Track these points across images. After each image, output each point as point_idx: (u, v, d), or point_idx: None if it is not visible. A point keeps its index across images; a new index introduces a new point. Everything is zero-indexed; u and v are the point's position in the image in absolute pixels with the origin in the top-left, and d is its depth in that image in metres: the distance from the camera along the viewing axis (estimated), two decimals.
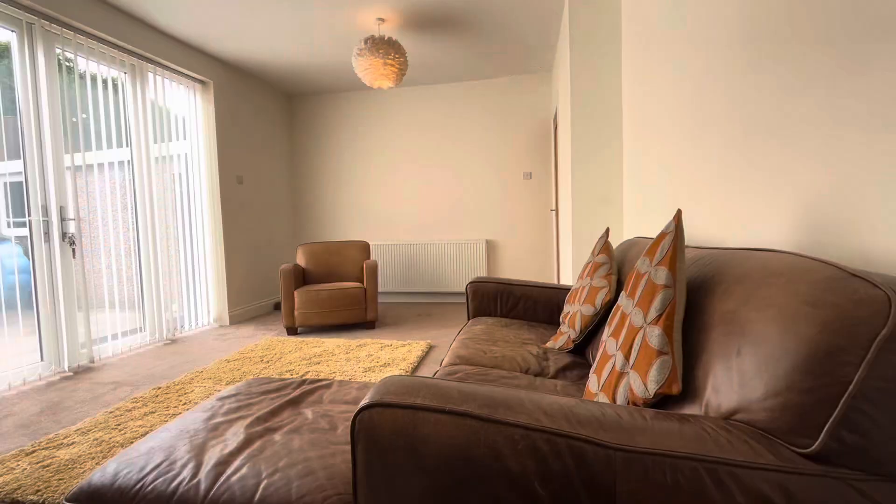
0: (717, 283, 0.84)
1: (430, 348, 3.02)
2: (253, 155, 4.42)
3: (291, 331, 3.51)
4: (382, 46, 3.01)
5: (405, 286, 4.84)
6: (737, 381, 0.67)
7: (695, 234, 1.49)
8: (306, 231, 5.17)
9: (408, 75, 4.43)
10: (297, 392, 1.28)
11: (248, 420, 1.10)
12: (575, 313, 1.61)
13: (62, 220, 2.70)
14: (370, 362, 2.66)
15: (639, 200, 2.28)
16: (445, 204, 4.82)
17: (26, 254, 2.74)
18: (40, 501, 1.37)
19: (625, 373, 0.92)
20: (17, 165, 2.63)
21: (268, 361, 2.74)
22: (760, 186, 1.08)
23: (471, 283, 2.21)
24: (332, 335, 3.45)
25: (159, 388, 2.32)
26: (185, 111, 3.79)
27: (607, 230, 1.77)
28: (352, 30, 3.39)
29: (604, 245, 1.68)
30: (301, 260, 3.88)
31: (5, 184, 2.92)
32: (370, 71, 3.08)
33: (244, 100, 4.30)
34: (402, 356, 2.75)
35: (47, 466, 1.55)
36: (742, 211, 1.18)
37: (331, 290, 3.47)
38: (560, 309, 2.14)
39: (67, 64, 2.81)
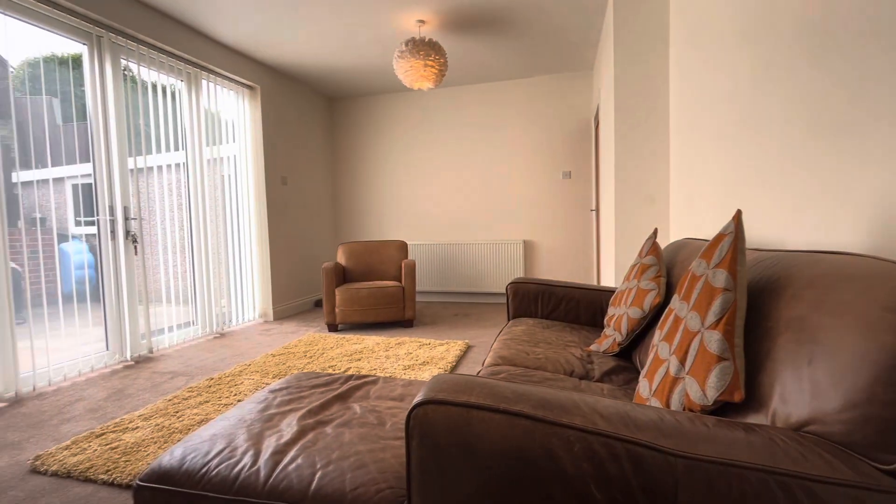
0: (783, 287, 0.80)
1: (468, 348, 3.03)
2: (296, 156, 4.58)
3: (332, 327, 3.61)
4: (423, 48, 3.04)
5: (442, 286, 4.87)
6: (809, 390, 0.64)
7: (751, 235, 1.42)
8: (346, 230, 5.30)
9: (447, 76, 4.45)
10: (345, 387, 1.31)
11: (300, 412, 1.14)
12: (621, 316, 1.57)
13: (126, 219, 2.90)
14: (409, 360, 2.69)
15: (687, 200, 2.20)
16: (482, 204, 4.81)
17: (92, 251, 2.95)
18: (110, 480, 1.48)
19: (680, 378, 0.89)
20: (86, 168, 2.84)
21: (311, 357, 2.83)
22: (829, 186, 1.02)
23: (511, 283, 2.20)
24: (371, 332, 3.52)
25: (211, 378, 2.45)
26: (235, 115, 3.97)
27: (655, 231, 1.71)
28: (392, 32, 3.44)
29: (652, 246, 1.64)
30: (341, 259, 3.98)
31: (74, 185, 3.15)
32: (411, 72, 3.12)
33: (288, 103, 4.46)
34: (441, 355, 2.77)
35: (115, 448, 1.67)
36: (806, 211, 1.11)
37: (370, 289, 3.55)
38: (603, 311, 2.09)
39: (130, 73, 3.01)
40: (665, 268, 1.56)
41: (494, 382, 0.78)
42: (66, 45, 2.68)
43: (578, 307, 2.11)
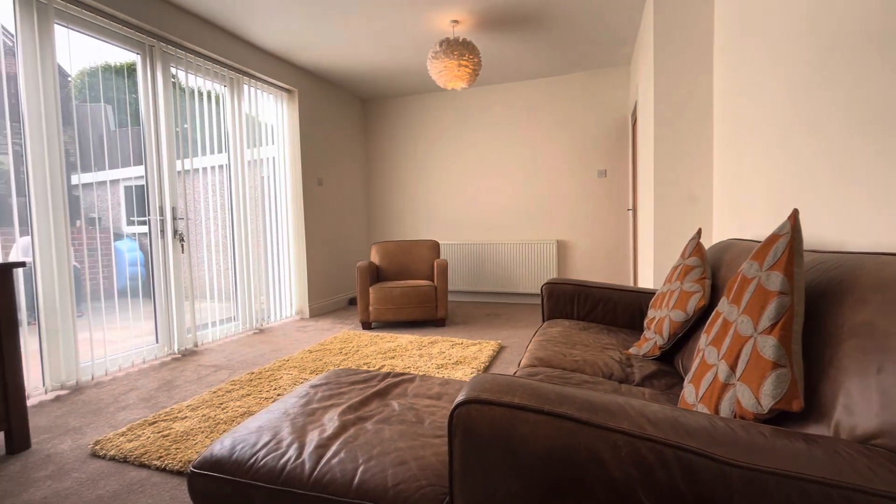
0: (847, 291, 0.76)
1: (501, 349, 3.01)
2: (331, 157, 4.68)
3: (366, 325, 3.67)
4: (457, 48, 3.04)
5: (473, 285, 4.87)
6: (878, 401, 0.60)
7: (806, 236, 1.35)
8: (379, 230, 5.38)
9: (480, 75, 4.44)
10: (383, 384, 1.33)
11: (341, 408, 1.17)
12: (662, 319, 1.52)
13: (174, 218, 3.05)
14: (442, 359, 2.71)
15: (733, 200, 2.11)
16: (515, 203, 4.78)
17: (142, 248, 3.12)
18: (162, 466, 1.56)
19: (730, 384, 0.86)
20: (138, 171, 3.00)
21: (346, 354, 2.89)
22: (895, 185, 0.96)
23: (546, 283, 2.17)
24: (404, 331, 3.56)
25: (252, 373, 2.54)
26: (273, 118, 4.11)
27: (699, 231, 1.65)
28: (426, 33, 3.46)
29: (696, 247, 1.58)
30: (375, 258, 4.04)
31: (127, 187, 3.34)
32: (445, 73, 3.13)
33: (324, 106, 4.56)
34: (473, 355, 2.77)
35: (166, 436, 1.76)
36: (869, 211, 1.05)
37: (403, 288, 3.58)
38: (641, 313, 2.04)
39: (176, 80, 3.16)
40: (710, 269, 1.50)
41: (537, 384, 0.77)
42: (121, 55, 2.85)
43: (616, 309, 2.07)
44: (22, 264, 1.74)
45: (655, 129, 2.59)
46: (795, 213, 0.87)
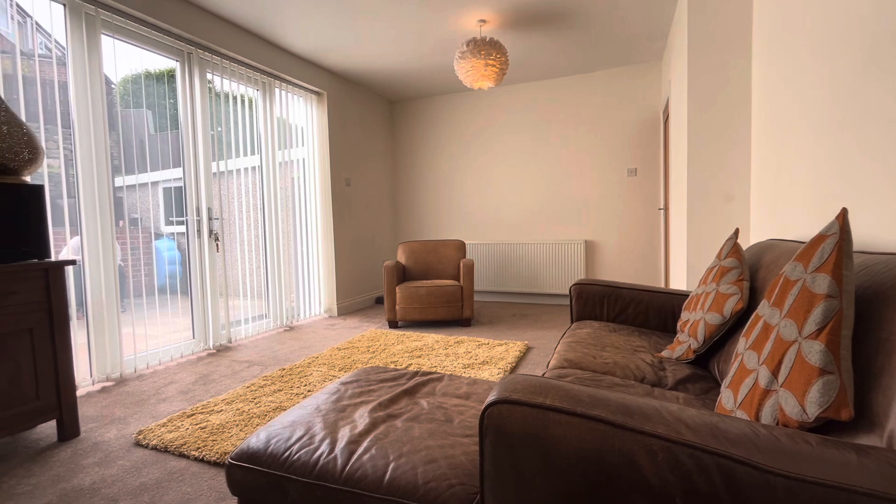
0: None
1: (528, 349, 2.99)
2: (359, 158, 4.75)
3: (393, 324, 3.71)
4: (484, 48, 3.04)
5: (499, 286, 4.85)
6: None
7: (855, 237, 1.28)
8: (405, 229, 5.42)
9: (507, 74, 4.41)
10: (412, 383, 1.35)
11: (371, 405, 1.19)
12: (697, 321, 1.48)
13: (210, 219, 3.16)
14: (468, 359, 2.71)
15: (772, 199, 2.02)
16: (542, 203, 4.73)
17: (179, 248, 3.24)
18: (200, 457, 1.62)
19: (772, 390, 0.82)
20: (176, 173, 3.13)
21: (374, 352, 2.93)
22: None
23: (575, 284, 2.14)
24: (430, 330, 3.58)
25: (283, 369, 2.61)
26: (304, 120, 4.20)
27: (736, 231, 1.60)
28: (454, 33, 3.47)
29: (733, 247, 1.53)
30: (401, 257, 4.08)
31: (166, 188, 3.48)
32: (472, 73, 3.13)
33: (352, 107, 4.64)
34: (500, 355, 2.76)
35: (204, 428, 1.83)
36: None
37: (429, 287, 3.60)
38: (674, 316, 1.98)
39: (211, 85, 3.28)
40: (748, 271, 1.45)
41: (569, 385, 0.77)
42: (160, 62, 2.97)
43: (647, 311, 2.02)
44: (73, 262, 1.84)
45: (689, 126, 2.52)
46: (844, 213, 0.83)
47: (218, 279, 3.21)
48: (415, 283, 3.73)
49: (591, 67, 4.31)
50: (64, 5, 2.37)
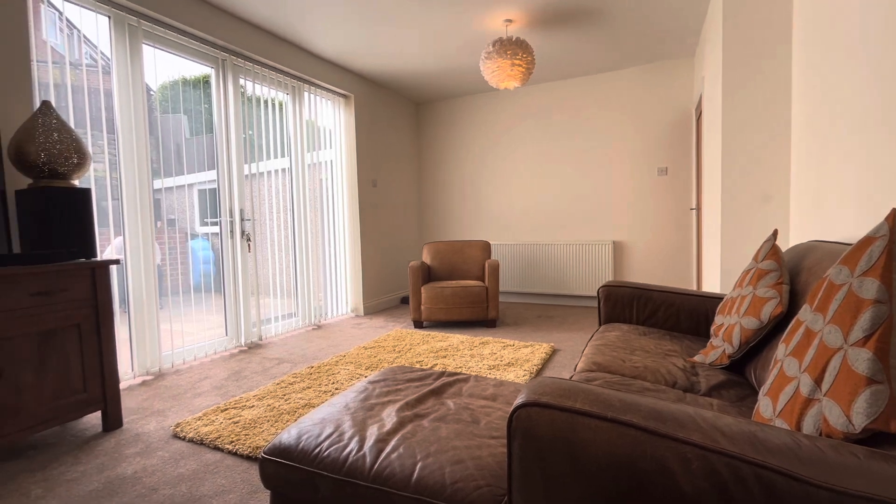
0: None
1: (554, 351, 2.96)
2: (385, 159, 4.81)
3: (418, 324, 3.74)
4: (510, 47, 3.02)
5: (525, 286, 4.81)
6: None
7: None
8: (431, 230, 5.45)
9: (534, 73, 4.38)
10: (438, 383, 1.36)
11: (398, 404, 1.20)
12: (732, 326, 1.43)
13: (242, 220, 3.26)
14: (493, 360, 2.70)
15: (814, 199, 1.93)
16: (569, 203, 4.66)
17: (213, 248, 3.36)
18: (234, 450, 1.68)
19: (815, 399, 0.79)
20: (210, 175, 3.24)
21: (399, 351, 2.96)
22: None
23: (603, 286, 2.11)
24: (455, 331, 3.59)
25: (312, 367, 2.66)
26: (331, 123, 4.28)
27: (775, 232, 1.53)
28: (479, 34, 3.47)
29: (771, 249, 1.47)
30: (426, 258, 4.10)
31: (201, 190, 3.61)
32: (497, 73, 3.12)
33: (379, 109, 4.69)
34: (525, 357, 2.74)
35: (237, 422, 1.89)
36: None
37: (454, 288, 3.61)
38: (707, 319, 1.92)
39: (244, 90, 3.38)
40: (787, 274, 1.39)
41: (599, 389, 0.76)
42: (196, 69, 3.08)
43: (678, 314, 1.96)
44: (116, 262, 1.94)
45: (723, 123, 2.44)
46: (894, 213, 0.79)
47: (249, 278, 3.31)
48: (440, 283, 3.74)
49: (620, 65, 4.22)
50: (109, 17, 2.49)
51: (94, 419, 2.01)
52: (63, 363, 1.76)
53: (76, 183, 1.96)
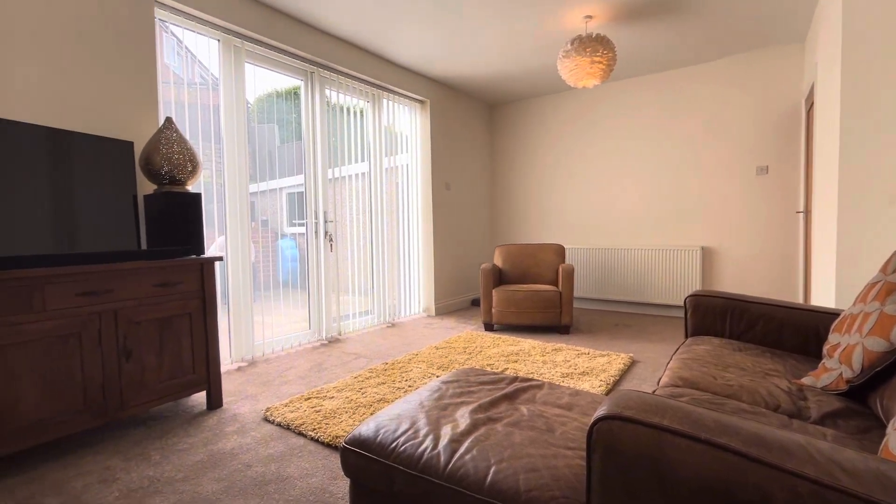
0: None
1: (633, 363, 2.79)
2: (458, 162, 4.86)
3: (488, 327, 3.73)
4: (590, 44, 2.92)
5: (599, 293, 4.60)
6: None
7: None
8: (503, 232, 5.42)
9: (614, 69, 4.19)
10: (511, 388, 1.34)
11: (471, 406, 1.21)
12: (853, 346, 1.25)
13: (325, 221, 3.48)
14: (567, 368, 2.61)
15: None
16: (651, 206, 4.38)
17: (298, 247, 3.61)
18: (316, 437, 1.79)
19: None
20: (298, 180, 3.50)
21: (470, 353, 2.97)
22: None
23: (691, 296, 1.95)
24: (526, 335, 3.53)
25: (386, 363, 2.77)
26: (408, 128, 4.42)
27: None
28: (557, 32, 3.38)
29: None
30: (498, 260, 4.08)
31: (289, 194, 3.91)
32: (576, 71, 3.02)
33: (453, 113, 4.76)
34: (602, 367, 2.62)
35: (318, 411, 2.02)
36: None
37: (526, 292, 3.55)
38: (818, 337, 1.70)
39: (328, 99, 3.61)
40: None
41: (690, 407, 0.70)
42: (286, 82, 3.35)
43: (781, 329, 1.76)
44: (220, 258, 2.16)
45: (843, 114, 2.15)
46: None
47: (330, 276, 3.52)
48: (511, 286, 3.70)
49: (714, 55, 3.89)
50: (218, 41, 2.79)
51: (199, 398, 2.26)
52: (177, 347, 2.00)
53: (190, 188, 2.22)
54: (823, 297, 2.50)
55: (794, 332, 1.74)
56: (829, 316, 1.69)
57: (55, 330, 1.63)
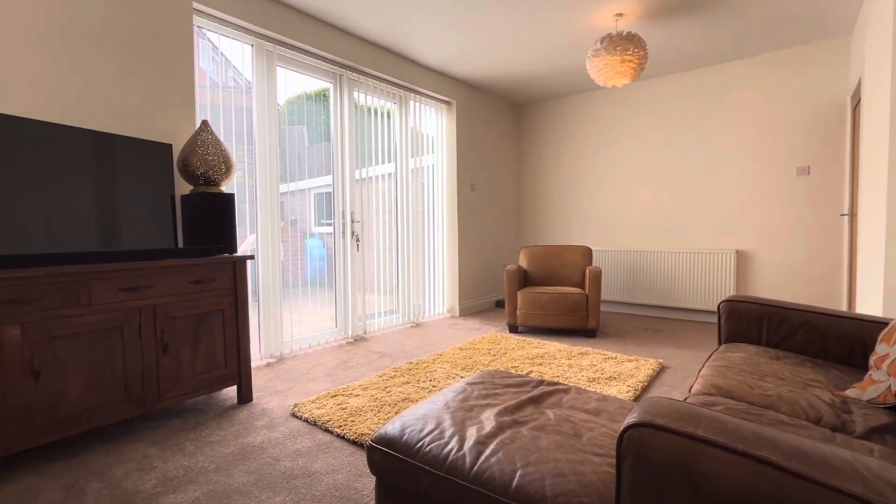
0: None
1: (662, 369, 2.72)
2: (484, 163, 4.85)
3: (513, 329, 3.70)
4: (620, 43, 2.86)
5: (627, 296, 4.50)
6: None
7: None
8: (528, 234, 5.37)
9: (645, 68, 4.09)
10: (537, 391, 1.33)
11: (497, 409, 1.20)
12: None
13: (352, 221, 3.53)
14: (593, 373, 2.57)
15: None
16: (683, 208, 4.26)
17: (325, 247, 3.68)
18: (341, 434, 1.82)
19: None
20: (326, 180, 3.56)
21: (494, 355, 2.96)
22: None
23: (726, 301, 1.89)
24: (551, 338, 3.49)
25: (411, 363, 2.79)
26: (433, 129, 4.44)
27: None
28: (587, 31, 3.33)
29: None
30: (523, 262, 4.04)
31: (317, 194, 3.98)
32: (605, 70, 2.97)
33: (479, 114, 4.75)
34: (629, 372, 2.56)
35: (344, 409, 2.05)
36: None
37: (552, 294, 3.51)
38: (864, 347, 1.61)
39: (356, 101, 3.66)
40: None
41: (726, 417, 0.68)
42: (315, 84, 3.42)
43: (824, 338, 1.68)
44: (251, 257, 2.23)
45: (893, 111, 2.03)
46: None
47: (357, 276, 3.57)
48: (537, 288, 3.67)
49: (751, 52, 3.75)
50: (252, 46, 2.87)
51: (230, 392, 2.34)
52: (210, 342, 2.07)
53: (223, 189, 2.29)
54: (870, 304, 2.37)
55: (838, 341, 1.65)
56: (877, 325, 1.60)
57: (100, 323, 1.72)
